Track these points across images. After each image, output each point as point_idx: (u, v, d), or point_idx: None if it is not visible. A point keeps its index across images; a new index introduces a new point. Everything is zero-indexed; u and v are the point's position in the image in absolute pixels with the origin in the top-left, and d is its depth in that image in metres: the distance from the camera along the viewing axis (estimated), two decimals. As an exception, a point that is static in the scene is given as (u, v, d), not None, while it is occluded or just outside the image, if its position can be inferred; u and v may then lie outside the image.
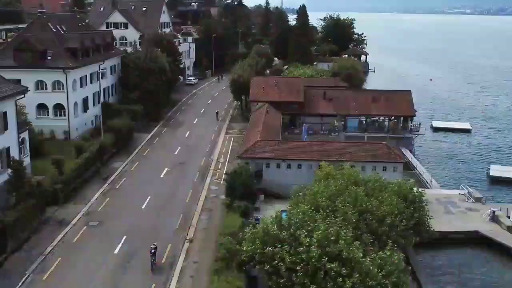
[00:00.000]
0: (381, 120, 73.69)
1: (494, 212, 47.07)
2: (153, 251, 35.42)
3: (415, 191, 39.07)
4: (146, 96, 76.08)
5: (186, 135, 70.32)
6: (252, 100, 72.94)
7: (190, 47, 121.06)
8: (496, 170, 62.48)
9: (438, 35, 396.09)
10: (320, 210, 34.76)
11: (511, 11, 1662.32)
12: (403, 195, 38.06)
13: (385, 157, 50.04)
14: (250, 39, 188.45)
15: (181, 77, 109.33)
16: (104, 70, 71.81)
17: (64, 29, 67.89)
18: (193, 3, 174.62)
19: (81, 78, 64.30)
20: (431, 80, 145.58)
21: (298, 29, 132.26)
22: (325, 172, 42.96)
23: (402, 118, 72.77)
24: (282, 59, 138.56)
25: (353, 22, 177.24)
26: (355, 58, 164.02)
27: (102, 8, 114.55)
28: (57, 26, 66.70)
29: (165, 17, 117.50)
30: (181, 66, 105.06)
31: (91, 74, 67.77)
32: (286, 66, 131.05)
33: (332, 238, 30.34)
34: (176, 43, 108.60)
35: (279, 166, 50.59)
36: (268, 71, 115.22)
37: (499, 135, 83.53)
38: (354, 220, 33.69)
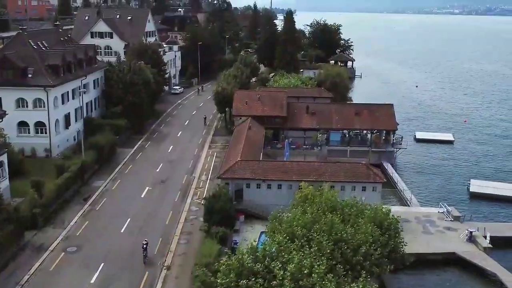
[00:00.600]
0: (364, 133, 74.15)
1: (471, 232, 47.59)
2: (144, 246, 40.35)
3: (390, 217, 39.45)
4: (129, 110, 76.01)
5: (169, 150, 70.34)
6: (235, 114, 73.02)
7: (175, 56, 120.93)
8: (476, 186, 63.07)
9: (427, 36, 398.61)
10: (296, 239, 35.05)
11: (499, 11, 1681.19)
12: (379, 222, 38.44)
13: (365, 177, 50.39)
14: (238, 43, 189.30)
15: (167, 87, 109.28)
16: (85, 89, 71.50)
17: (46, 45, 67.61)
18: (179, 9, 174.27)
19: (62, 95, 64.10)
20: (416, 86, 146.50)
21: (285, 35, 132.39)
22: (304, 193, 43.29)
23: (384, 132, 73.32)
24: (269, 66, 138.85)
25: (340, 27, 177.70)
26: (341, 64, 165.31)
27: (87, 17, 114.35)
28: (38, 42, 66.38)
29: (150, 26, 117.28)
30: (166, 76, 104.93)
31: (73, 90, 67.60)
32: (272, 74, 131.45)
33: (305, 271, 30.64)
34: (161, 53, 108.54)
35: (259, 186, 50.81)
36: (254, 80, 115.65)
37: (481, 147, 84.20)
38: (328, 251, 33.97)
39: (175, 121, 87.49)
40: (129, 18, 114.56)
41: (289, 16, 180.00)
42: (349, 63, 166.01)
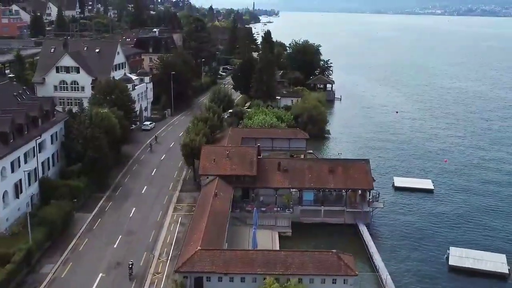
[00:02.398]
0: (338, 191, 70.25)
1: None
2: (130, 265, 49.95)
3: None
4: (90, 167, 71.27)
5: (131, 214, 65.72)
6: (202, 174, 68.70)
7: (147, 87, 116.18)
8: (456, 257, 59.51)
9: (409, 43, 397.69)
10: None
11: (479, 12, 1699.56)
12: None
13: (335, 269, 46.55)
14: (215, 63, 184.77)
15: (137, 122, 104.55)
16: (40, 148, 66.65)
17: (-5, 105, 62.65)
18: (155, 30, 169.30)
19: (12, 163, 59.11)
20: (396, 112, 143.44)
21: (261, 63, 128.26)
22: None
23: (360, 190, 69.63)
24: (245, 93, 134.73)
25: (319, 47, 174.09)
26: (320, 86, 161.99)
27: (53, 49, 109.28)
28: (-14, 104, 61.44)
29: (119, 58, 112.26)
30: (136, 111, 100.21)
31: (26, 153, 62.70)
32: (248, 104, 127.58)
33: None
34: (131, 88, 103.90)
35: (221, 279, 46.70)
36: (227, 115, 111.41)
37: (462, 197, 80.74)
38: None
39: (141, 170, 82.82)
40: (97, 50, 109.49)
41: (267, 37, 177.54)
42: (329, 85, 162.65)
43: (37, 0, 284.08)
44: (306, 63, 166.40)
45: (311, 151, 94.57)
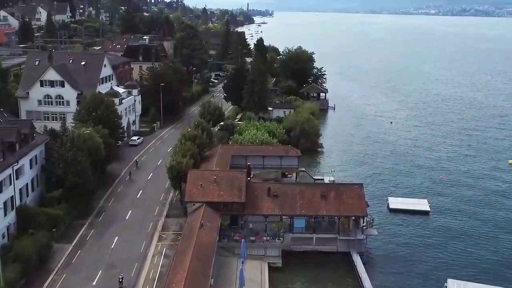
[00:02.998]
0: (330, 218, 67.28)
1: None
2: (120, 279, 50.77)
3: None
4: (71, 192, 68.12)
5: (112, 245, 62.44)
6: (189, 201, 65.59)
7: (135, 100, 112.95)
8: (453, 290, 56.70)
9: (403, 47, 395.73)
10: None
11: (473, 12, 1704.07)
12: None
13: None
14: (208, 70, 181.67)
15: (124, 138, 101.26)
16: (18, 175, 63.39)
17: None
18: (145, 37, 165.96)
19: (-15, 194, 55.99)
20: (391, 123, 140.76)
21: (253, 75, 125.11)
22: None
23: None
24: (236, 103, 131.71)
25: (313, 55, 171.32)
26: (313, 95, 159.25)
27: (37, 62, 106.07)
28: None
29: (106, 71, 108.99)
30: (124, 126, 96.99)
31: (1, 181, 59.45)
32: (239, 116, 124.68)
33: None
34: (118, 102, 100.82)
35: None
36: (218, 128, 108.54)
37: (458, 221, 77.76)
38: None
39: (127, 192, 79.66)
40: (83, 63, 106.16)
41: (259, 44, 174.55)
42: (322, 94, 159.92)
43: (26, 5, 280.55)
44: (299, 71, 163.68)
45: (304, 169, 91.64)
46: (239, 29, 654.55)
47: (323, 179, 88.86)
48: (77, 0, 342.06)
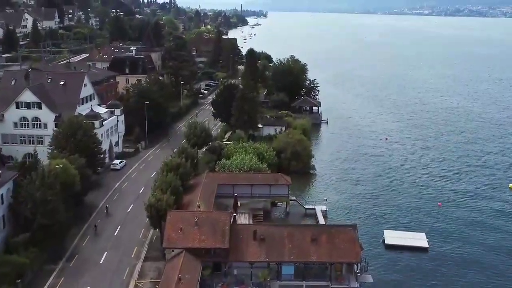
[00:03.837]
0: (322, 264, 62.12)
1: None
2: None
3: None
4: (41, 236, 62.66)
5: (83, 297, 57.25)
6: (167, 247, 60.25)
7: (118, 120, 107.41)
8: None
9: (396, 50, 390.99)
10: None
11: (467, 12, 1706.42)
12: None
13: None
14: (196, 81, 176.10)
15: (104, 163, 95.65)
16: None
17: None
18: (132, 48, 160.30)
19: None
20: (386, 139, 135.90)
21: (242, 92, 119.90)
22: None
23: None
24: (225, 120, 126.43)
25: (306, 66, 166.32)
26: (306, 108, 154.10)
27: (13, 81, 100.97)
28: None
29: (87, 90, 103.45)
30: (101, 158, 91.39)
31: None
32: (228, 135, 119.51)
33: None
34: (99, 124, 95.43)
35: None
36: (205, 148, 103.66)
37: (458, 257, 73.15)
38: None
39: (104, 227, 74.17)
40: (61, 83, 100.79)
41: (250, 54, 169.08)
42: (315, 108, 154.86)
43: (14, 11, 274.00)
44: (291, 83, 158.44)
45: (294, 198, 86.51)
46: (233, 31, 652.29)
47: (314, 209, 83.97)
48: (67, 5, 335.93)
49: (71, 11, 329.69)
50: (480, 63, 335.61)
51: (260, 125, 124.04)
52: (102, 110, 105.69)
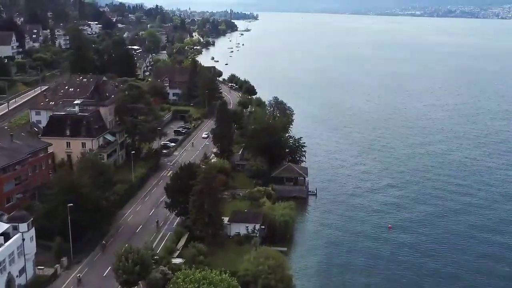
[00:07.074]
0: None
1: None
2: None
3: None
4: None
5: None
6: None
7: (24, 239, 77.34)
8: None
9: (391, 68, 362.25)
10: None
11: (459, 13, 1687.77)
12: None
13: None
14: (158, 137, 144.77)
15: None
16: None
17: None
18: (76, 101, 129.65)
19: None
20: (389, 227, 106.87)
21: (203, 182, 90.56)
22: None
23: None
24: (181, 214, 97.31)
25: (291, 123, 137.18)
26: (292, 183, 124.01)
27: None
28: None
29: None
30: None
31: None
32: (180, 248, 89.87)
33: None
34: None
35: None
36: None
37: None
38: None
39: None
40: None
41: (222, 109, 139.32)
42: (301, 178, 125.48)
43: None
44: (272, 144, 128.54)
45: None
46: (221, 40, 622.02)
47: None
48: (32, 24, 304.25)
49: (35, 30, 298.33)
50: (482, 80, 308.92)
51: (226, 222, 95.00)
52: (1, 226, 75.71)
